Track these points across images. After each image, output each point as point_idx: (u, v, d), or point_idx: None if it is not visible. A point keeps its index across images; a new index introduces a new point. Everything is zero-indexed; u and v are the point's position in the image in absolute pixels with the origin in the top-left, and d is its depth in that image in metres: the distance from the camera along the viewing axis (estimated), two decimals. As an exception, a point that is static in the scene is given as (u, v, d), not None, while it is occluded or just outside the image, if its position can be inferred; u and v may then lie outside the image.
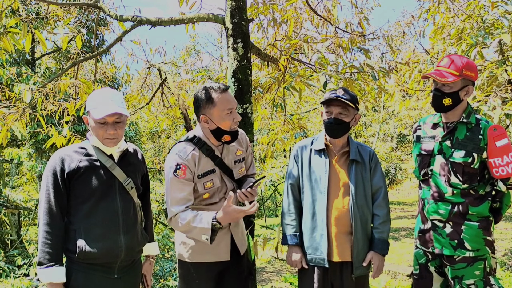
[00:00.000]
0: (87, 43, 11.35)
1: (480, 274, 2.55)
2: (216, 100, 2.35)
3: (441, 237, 2.62)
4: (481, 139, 2.53)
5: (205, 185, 2.43)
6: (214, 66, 17.29)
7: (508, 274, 7.94)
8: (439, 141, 2.66)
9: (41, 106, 5.01)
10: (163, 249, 8.15)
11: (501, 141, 2.48)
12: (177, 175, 2.34)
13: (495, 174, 2.51)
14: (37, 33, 4.16)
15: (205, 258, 2.49)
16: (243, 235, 2.68)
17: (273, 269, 9.87)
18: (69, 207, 2.24)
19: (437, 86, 2.60)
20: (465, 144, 2.56)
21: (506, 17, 5.28)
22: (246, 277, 2.70)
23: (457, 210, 2.57)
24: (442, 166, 2.62)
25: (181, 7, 4.48)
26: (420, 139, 2.79)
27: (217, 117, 2.36)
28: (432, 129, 2.74)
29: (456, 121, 2.62)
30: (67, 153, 2.26)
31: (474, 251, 2.55)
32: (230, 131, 2.41)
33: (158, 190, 9.94)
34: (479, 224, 2.56)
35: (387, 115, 17.40)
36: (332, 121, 2.59)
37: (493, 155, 2.49)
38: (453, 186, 2.58)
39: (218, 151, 2.50)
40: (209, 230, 2.24)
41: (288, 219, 2.73)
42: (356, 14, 5.51)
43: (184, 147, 2.41)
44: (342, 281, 2.61)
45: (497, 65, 5.01)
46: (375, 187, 2.68)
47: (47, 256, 2.14)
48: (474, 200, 2.57)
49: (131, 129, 12.71)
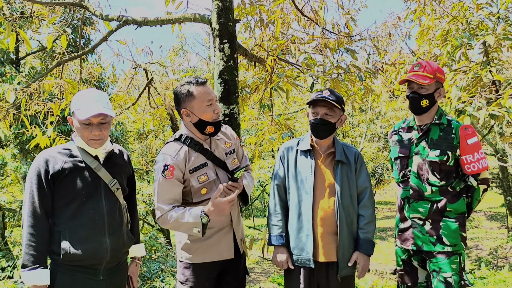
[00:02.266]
0: (73, 42, 11.24)
1: (456, 268, 2.68)
2: (195, 93, 2.39)
3: (421, 234, 2.75)
4: (454, 138, 2.70)
5: (199, 179, 2.44)
6: (202, 67, 17.24)
7: (493, 273, 8.04)
8: (415, 143, 2.80)
9: (25, 106, 4.95)
10: (150, 250, 8.10)
11: (471, 139, 2.67)
12: (165, 176, 2.36)
13: (466, 171, 2.68)
14: (22, 32, 4.10)
15: (208, 258, 2.49)
16: (243, 233, 2.70)
17: (261, 269, 9.88)
18: (54, 209, 2.21)
19: (414, 89, 2.74)
20: (440, 143, 2.72)
21: (490, 19, 5.36)
22: (243, 275, 2.71)
23: (436, 207, 2.71)
24: (420, 166, 2.75)
25: (168, 7, 4.46)
26: (396, 143, 2.92)
27: (197, 109, 2.39)
28: (407, 133, 2.88)
29: (429, 123, 2.78)
30: (51, 154, 2.23)
31: (451, 246, 2.69)
32: (212, 122, 2.43)
33: (145, 191, 9.87)
34: (456, 221, 2.71)
35: (374, 115, 17.53)
36: (318, 122, 2.61)
37: (465, 152, 2.67)
38: (432, 184, 2.72)
39: (206, 144, 2.52)
40: (199, 223, 2.28)
41: (275, 220, 2.73)
42: (343, 15, 5.53)
43: (172, 147, 2.44)
44: (328, 281, 2.62)
45: (482, 66, 5.07)
46: (360, 187, 2.70)
47: (31, 258, 2.11)
48: (452, 197, 2.72)
49: (118, 129, 12.60)
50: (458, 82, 4.65)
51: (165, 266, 7.42)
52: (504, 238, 12.91)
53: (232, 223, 2.56)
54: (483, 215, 19.00)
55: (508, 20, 5.23)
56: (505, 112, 4.21)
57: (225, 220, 2.53)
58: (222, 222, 2.51)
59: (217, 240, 2.49)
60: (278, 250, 2.70)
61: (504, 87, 5.92)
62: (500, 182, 14.30)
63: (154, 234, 8.68)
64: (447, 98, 4.86)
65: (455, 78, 4.76)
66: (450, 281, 2.64)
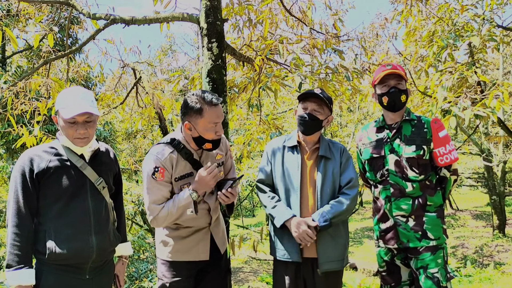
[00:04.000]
0: (60, 41, 11.14)
1: (441, 263, 2.71)
2: (204, 113, 2.34)
3: (406, 231, 2.76)
4: (427, 132, 2.78)
5: (182, 188, 2.44)
6: (191, 66, 17.18)
7: (478, 271, 8.15)
8: (389, 141, 2.84)
9: (11, 105, 4.89)
10: (138, 250, 8.07)
11: (442, 132, 2.76)
12: (155, 178, 2.37)
13: (439, 163, 2.76)
14: (8, 30, 4.05)
15: (184, 257, 2.51)
16: (223, 235, 2.70)
17: (250, 269, 9.88)
18: (39, 208, 2.20)
19: (392, 85, 2.79)
20: (413, 139, 2.78)
21: (475, 20, 5.43)
22: (224, 274, 2.73)
23: (418, 203, 2.75)
24: (397, 163, 2.79)
25: (156, 6, 4.44)
26: (367, 145, 2.94)
27: (201, 128, 2.37)
28: (378, 133, 2.91)
29: (400, 120, 2.84)
30: (36, 153, 2.21)
31: (436, 239, 2.73)
32: (211, 140, 2.42)
33: (134, 191, 9.81)
34: (436, 214, 2.77)
35: (362, 115, 17.63)
36: (306, 116, 2.66)
37: (437, 145, 2.75)
38: (411, 180, 2.76)
39: (197, 155, 2.50)
40: (191, 202, 2.35)
41: (273, 201, 2.70)
42: (331, 16, 5.56)
43: (162, 149, 2.42)
44: (313, 276, 2.64)
45: (467, 67, 5.13)
46: (345, 179, 2.70)
47: (16, 258, 2.10)
48: (431, 190, 2.78)
49: (106, 129, 12.52)
50: (444, 83, 4.70)
51: (153, 266, 7.39)
52: (489, 236, 13.07)
53: (210, 225, 2.57)
54: (468, 214, 19.22)
55: (492, 22, 5.31)
56: (490, 112, 4.26)
57: (203, 221, 2.54)
58: (201, 222, 2.53)
59: (194, 240, 2.51)
60: (294, 222, 2.59)
61: (489, 87, 6.00)
62: (486, 181, 14.48)
63: (142, 234, 8.63)
64: (433, 98, 4.91)
65: (441, 79, 4.81)
66: (437, 276, 2.67)
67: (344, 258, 2.69)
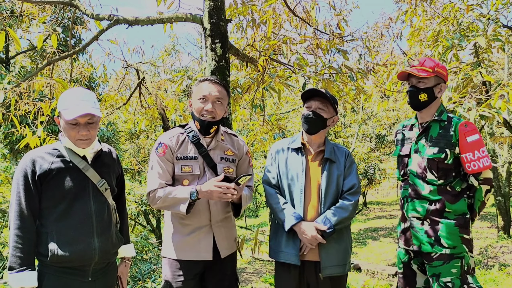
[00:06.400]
0: (63, 42, 11.15)
1: (457, 272, 2.60)
2: (194, 88, 2.61)
3: (419, 234, 2.69)
4: (453, 135, 2.63)
5: (182, 168, 2.50)
6: (194, 67, 17.18)
7: (483, 272, 8.10)
8: (415, 141, 2.77)
9: (15, 106, 4.89)
10: (141, 251, 8.06)
11: (471, 136, 2.58)
12: (157, 152, 2.51)
13: (467, 169, 2.60)
14: (11, 31, 4.05)
15: (186, 256, 2.50)
16: (229, 240, 2.64)
17: (253, 269, 9.87)
18: (41, 210, 2.18)
19: (412, 84, 2.72)
20: (438, 141, 2.66)
21: (481, 20, 5.39)
22: (231, 282, 2.65)
23: (434, 207, 2.65)
24: (419, 164, 2.71)
25: (159, 7, 4.43)
26: (399, 142, 2.90)
27: (193, 103, 2.58)
28: (409, 131, 2.86)
29: (430, 120, 2.73)
30: (38, 155, 2.20)
31: (450, 248, 2.61)
32: (199, 119, 2.52)
33: (137, 191, 9.82)
34: (455, 222, 2.62)
35: (366, 115, 17.59)
36: (311, 114, 2.66)
37: (464, 150, 2.59)
38: (429, 182, 2.67)
39: (205, 141, 2.57)
40: (187, 199, 2.37)
41: (281, 204, 2.66)
42: (335, 16, 5.54)
43: (174, 130, 2.61)
44: (317, 280, 2.61)
45: (472, 67, 5.10)
46: (348, 184, 2.68)
47: (18, 260, 2.08)
48: (451, 197, 2.64)
49: (109, 129, 12.53)
50: (449, 83, 4.67)
51: (156, 267, 7.38)
52: (494, 237, 13.00)
53: (211, 224, 2.54)
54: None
55: (498, 22, 5.26)
56: (495, 112, 4.24)
57: (203, 219, 2.52)
58: (200, 221, 2.51)
59: (196, 238, 2.50)
60: (300, 227, 2.57)
61: (494, 88, 5.97)
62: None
63: (145, 235, 8.62)
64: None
65: (446, 79, 4.78)
66: (450, 286, 2.58)
67: (346, 263, 2.66)
